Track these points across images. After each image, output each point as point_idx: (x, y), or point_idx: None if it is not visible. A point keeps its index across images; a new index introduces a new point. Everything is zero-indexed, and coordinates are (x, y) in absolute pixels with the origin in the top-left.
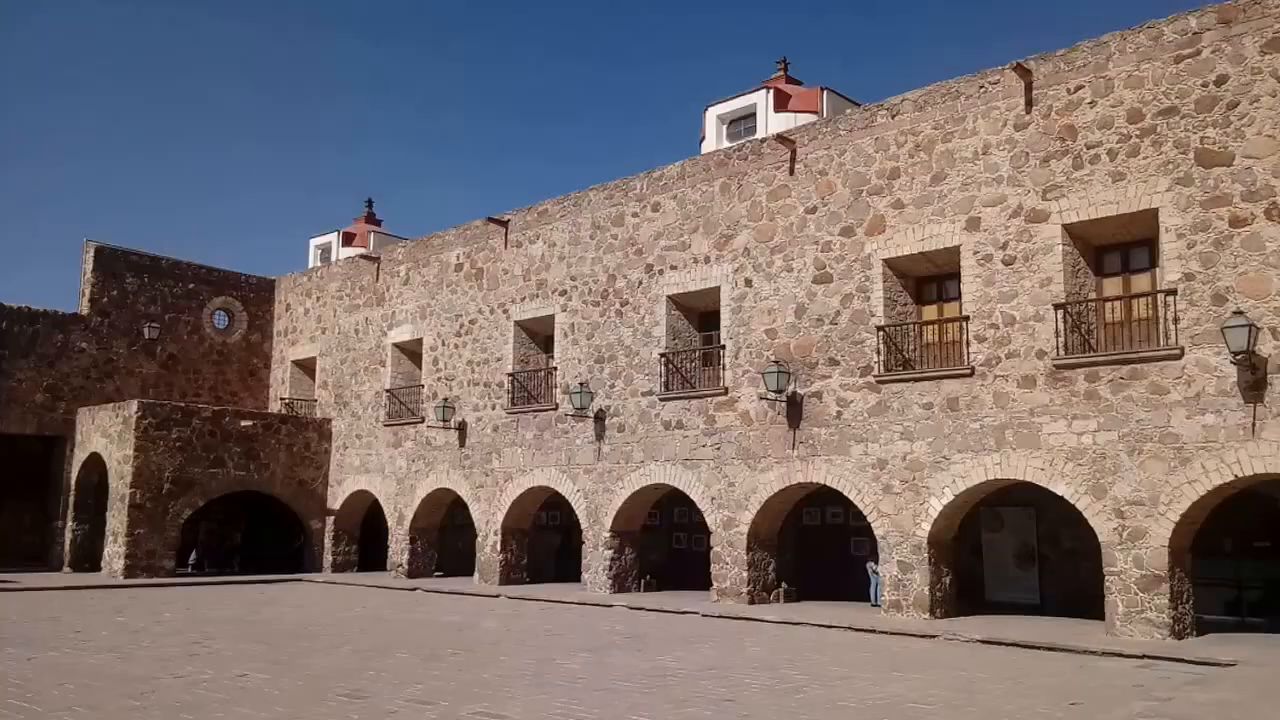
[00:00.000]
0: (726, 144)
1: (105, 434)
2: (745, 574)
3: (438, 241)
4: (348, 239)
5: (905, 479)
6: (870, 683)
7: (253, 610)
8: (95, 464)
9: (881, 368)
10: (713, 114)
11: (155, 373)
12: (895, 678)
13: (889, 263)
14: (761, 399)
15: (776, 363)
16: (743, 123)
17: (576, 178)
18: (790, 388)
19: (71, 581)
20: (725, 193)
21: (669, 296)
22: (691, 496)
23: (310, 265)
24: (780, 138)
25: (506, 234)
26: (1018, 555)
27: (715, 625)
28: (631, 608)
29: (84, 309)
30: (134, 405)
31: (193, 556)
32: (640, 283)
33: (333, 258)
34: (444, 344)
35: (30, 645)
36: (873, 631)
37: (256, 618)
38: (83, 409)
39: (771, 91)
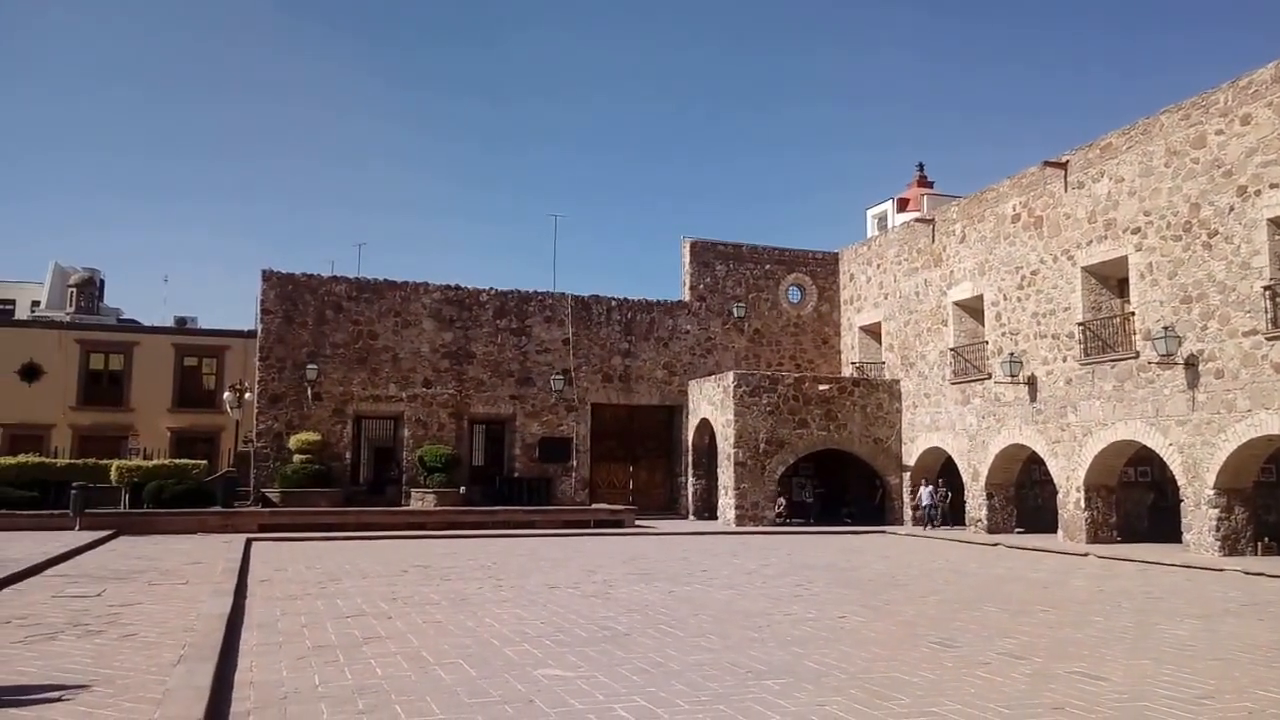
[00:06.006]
0: None
1: (710, 402)
2: None
3: (991, 195)
4: (902, 205)
5: None
6: None
7: (843, 557)
8: (705, 427)
9: None
10: None
11: (744, 346)
12: None
13: None
14: None
15: None
16: None
17: (1139, 104)
18: None
19: (694, 528)
20: None
21: (1270, 220)
22: None
23: (868, 235)
24: None
25: (1065, 176)
26: None
27: None
28: (1247, 573)
29: (686, 296)
30: (730, 376)
31: (780, 505)
32: (1231, 208)
33: (889, 225)
34: (1005, 298)
35: (671, 580)
36: None
37: (847, 564)
38: (691, 381)
39: None
